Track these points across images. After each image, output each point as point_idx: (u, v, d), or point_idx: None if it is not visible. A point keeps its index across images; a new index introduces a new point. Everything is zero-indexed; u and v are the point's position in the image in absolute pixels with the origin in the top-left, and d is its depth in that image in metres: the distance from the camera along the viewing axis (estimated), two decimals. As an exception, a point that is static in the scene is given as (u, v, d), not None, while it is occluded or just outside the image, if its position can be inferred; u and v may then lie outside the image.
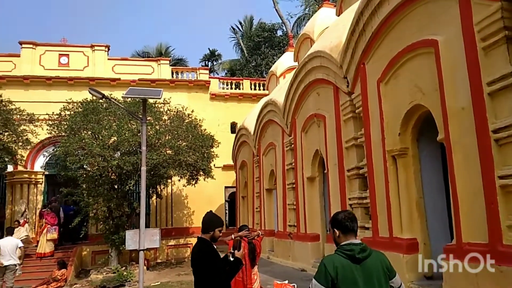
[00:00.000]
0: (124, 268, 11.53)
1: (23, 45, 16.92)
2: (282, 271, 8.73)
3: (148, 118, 11.13)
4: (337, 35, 8.08)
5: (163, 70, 18.31)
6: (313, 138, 9.01)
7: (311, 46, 10.68)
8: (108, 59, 17.79)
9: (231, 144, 16.20)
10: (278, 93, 11.48)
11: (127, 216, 12.51)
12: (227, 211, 17.94)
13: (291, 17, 32.92)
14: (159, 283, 10.70)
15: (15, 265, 9.07)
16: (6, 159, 13.25)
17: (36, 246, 13.45)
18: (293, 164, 10.01)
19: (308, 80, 9.01)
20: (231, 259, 3.57)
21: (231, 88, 19.49)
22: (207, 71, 19.56)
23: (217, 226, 3.66)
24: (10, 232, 9.93)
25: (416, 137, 6.02)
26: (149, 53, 28.81)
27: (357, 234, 3.01)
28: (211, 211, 3.82)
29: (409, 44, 5.69)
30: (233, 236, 6.59)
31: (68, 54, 17.27)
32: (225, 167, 17.07)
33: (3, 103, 12.92)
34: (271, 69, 16.10)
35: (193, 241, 15.48)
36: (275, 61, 22.09)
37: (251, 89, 19.60)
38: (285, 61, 14.99)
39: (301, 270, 8.57)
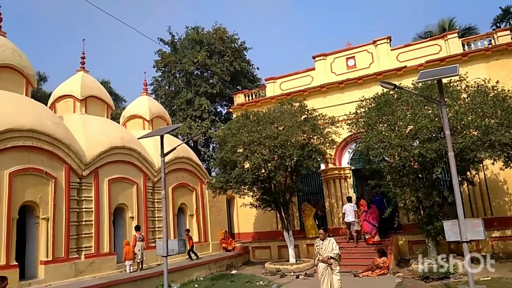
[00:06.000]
0: (444, 259, 10.96)
1: (316, 59, 19.23)
2: None
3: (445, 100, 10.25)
4: None
5: (452, 45, 16.57)
6: None
7: None
8: (391, 49, 17.73)
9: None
10: None
11: (439, 206, 11.89)
12: None
13: None
14: (489, 278, 9.55)
15: (354, 221, 14.51)
16: (319, 159, 15.25)
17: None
18: None
19: None
20: None
21: (551, 43, 15.43)
22: (508, 32, 16.31)
23: None
24: (350, 200, 15.19)
25: None
26: (432, 32, 26.89)
27: None
28: None
29: None
30: None
31: (353, 56, 18.37)
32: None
33: (309, 111, 15.01)
34: None
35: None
36: None
37: None
38: None
39: None
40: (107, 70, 67.45)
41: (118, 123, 16.77)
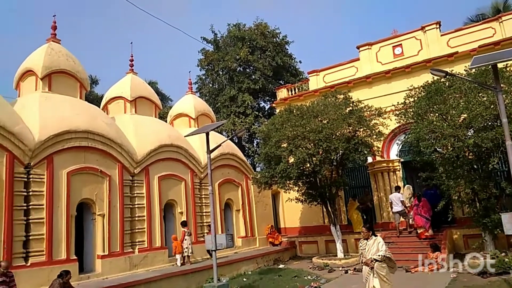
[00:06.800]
0: (503, 254, 10.37)
1: (360, 49, 18.72)
2: None
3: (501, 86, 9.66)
4: None
5: (507, 27, 15.50)
6: None
7: None
8: (441, 35, 16.89)
9: None
10: None
11: (496, 198, 11.24)
12: None
13: None
14: (554, 275, 8.91)
15: (403, 210, 14.24)
16: (365, 152, 14.85)
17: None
18: None
19: None
20: None
21: None
22: None
23: None
24: (398, 190, 14.87)
25: None
26: (485, 15, 25.29)
27: None
28: None
29: None
30: None
31: (400, 44, 17.69)
32: None
33: (354, 103, 14.67)
34: None
35: None
36: None
37: None
38: None
39: None
40: (154, 71, 69.76)
41: (166, 121, 17.29)
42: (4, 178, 9.28)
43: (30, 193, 9.83)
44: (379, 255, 7.01)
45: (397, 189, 15.00)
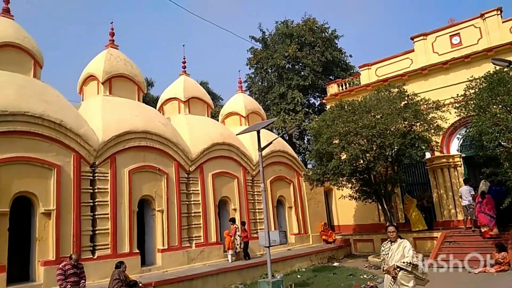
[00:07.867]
0: None
1: (415, 40, 17.94)
2: None
3: None
4: None
5: None
6: None
7: None
8: (503, 22, 15.79)
9: None
10: None
11: None
12: None
13: None
14: None
15: (471, 204, 13.56)
16: (423, 147, 14.25)
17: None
18: None
19: None
20: None
21: None
22: None
23: None
24: (467, 182, 14.33)
25: None
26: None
27: None
28: None
29: None
30: None
31: (458, 33, 16.74)
32: None
33: (410, 97, 14.12)
34: None
35: None
36: None
37: None
38: None
39: None
40: (205, 71, 71.40)
41: (218, 120, 17.68)
42: (72, 176, 9.99)
43: (96, 190, 10.50)
44: (404, 262, 5.84)
45: (466, 181, 14.42)
